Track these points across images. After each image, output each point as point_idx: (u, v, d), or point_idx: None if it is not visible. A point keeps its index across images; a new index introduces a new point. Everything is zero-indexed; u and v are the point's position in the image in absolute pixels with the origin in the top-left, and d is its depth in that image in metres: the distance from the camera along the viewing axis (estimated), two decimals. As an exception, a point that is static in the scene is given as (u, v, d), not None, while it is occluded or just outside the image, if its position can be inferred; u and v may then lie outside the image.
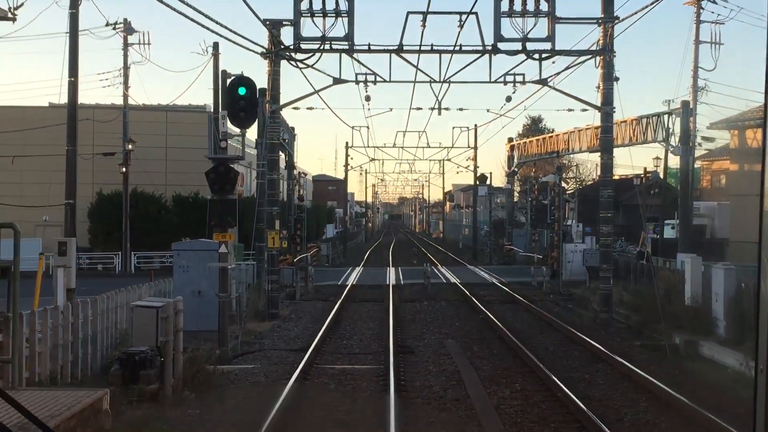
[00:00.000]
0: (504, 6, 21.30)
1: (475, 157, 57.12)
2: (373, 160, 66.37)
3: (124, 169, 39.95)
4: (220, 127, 15.58)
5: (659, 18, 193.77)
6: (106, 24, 37.35)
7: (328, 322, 21.00)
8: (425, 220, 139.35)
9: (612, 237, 24.25)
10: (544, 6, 21.46)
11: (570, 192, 51.76)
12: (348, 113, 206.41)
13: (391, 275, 36.10)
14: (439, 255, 58.50)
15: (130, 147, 40.06)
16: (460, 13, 21.79)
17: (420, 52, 22.98)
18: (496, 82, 23.99)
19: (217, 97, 22.49)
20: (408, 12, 22.00)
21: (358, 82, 24.32)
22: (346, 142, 62.28)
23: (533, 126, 72.41)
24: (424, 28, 21.99)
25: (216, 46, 29.44)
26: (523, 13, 21.38)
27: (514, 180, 51.90)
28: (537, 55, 22.47)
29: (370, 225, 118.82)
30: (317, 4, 21.55)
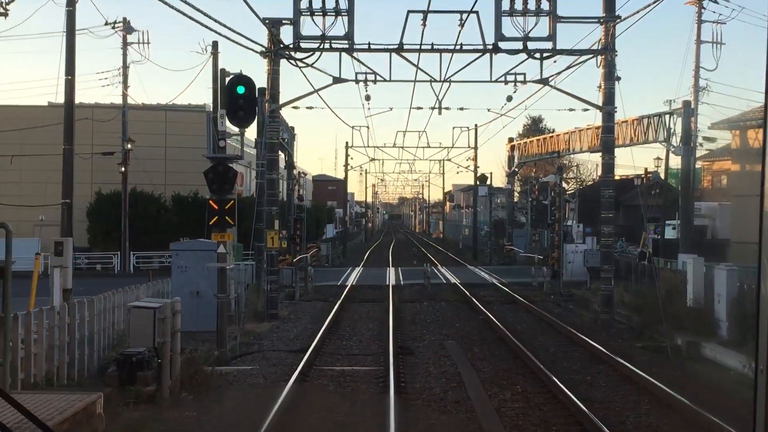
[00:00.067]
0: (505, 5, 21.19)
1: (475, 157, 57.05)
2: (373, 160, 66.29)
3: (123, 168, 39.86)
4: (219, 126, 15.45)
5: (660, 18, 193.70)
6: (105, 23, 37.40)
7: (327, 322, 20.88)
8: (425, 220, 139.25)
9: (613, 237, 24.13)
10: (545, 5, 21.35)
11: (570, 192, 51.68)
12: (348, 113, 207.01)
13: (391, 275, 35.98)
14: (439, 255, 58.39)
15: (129, 146, 39.97)
16: (460, 12, 21.69)
17: (420, 51, 22.87)
18: (496, 81, 23.87)
19: (216, 96, 22.36)
20: (408, 11, 21.93)
21: (358, 82, 24.21)
22: (346, 142, 62.22)
23: (533, 126, 72.33)
24: (424, 27, 21.94)
25: (215, 45, 29.32)
26: (524, 12, 21.26)
27: (515, 180, 51.80)
28: (538, 55, 22.34)
29: (370, 225, 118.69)
30: (317, 3, 21.44)
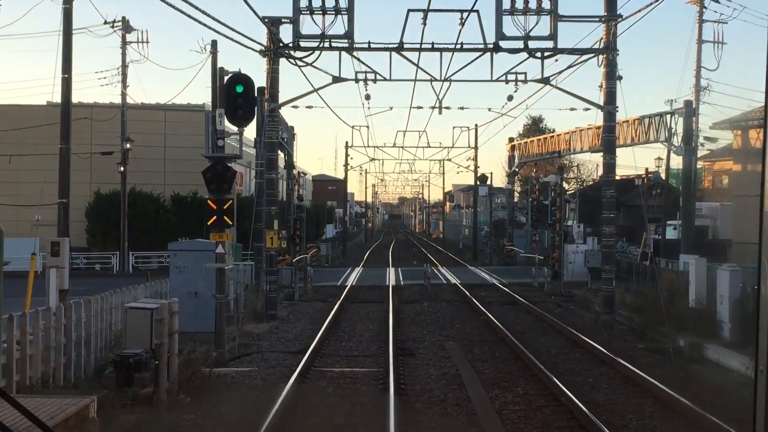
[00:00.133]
0: (506, 4, 21.07)
1: (475, 157, 56.92)
2: (373, 160, 66.12)
3: (122, 168, 39.72)
4: (217, 125, 15.30)
5: (661, 17, 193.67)
6: (105, 22, 37.32)
7: (327, 323, 20.74)
8: (425, 220, 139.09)
9: (614, 238, 23.99)
10: (546, 4, 21.23)
11: (571, 192, 51.56)
12: (348, 112, 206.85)
13: (390, 276, 35.83)
14: (439, 255, 58.25)
15: (128, 146, 39.82)
16: (461, 11, 21.55)
17: (421, 50, 22.74)
18: (497, 80, 23.71)
19: (215, 95, 22.25)
20: (408, 10, 21.79)
21: (357, 81, 24.07)
22: (346, 142, 62.09)
23: (534, 126, 72.20)
24: (424, 26, 21.82)
25: (214, 44, 29.22)
26: (525, 11, 21.13)
27: (515, 180, 51.66)
28: (539, 54, 22.18)
29: (370, 225, 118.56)
30: (317, 2, 21.30)
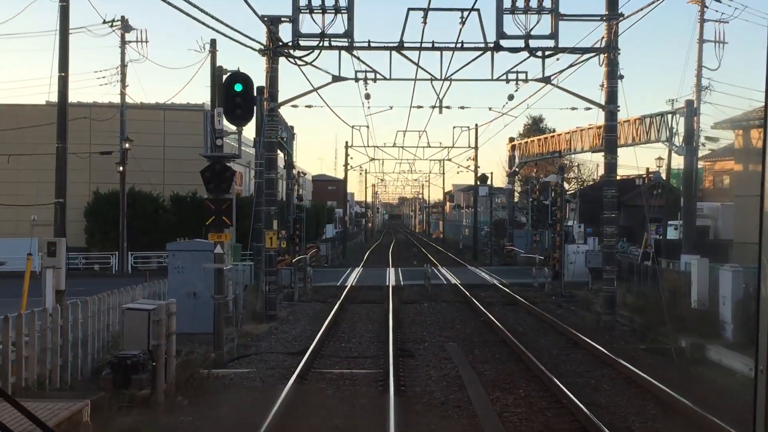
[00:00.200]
0: (507, 2, 20.98)
1: (475, 157, 56.79)
2: (373, 160, 65.92)
3: (121, 168, 39.58)
4: (216, 124, 15.17)
5: (662, 16, 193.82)
6: (103, 21, 37.23)
7: (326, 324, 20.62)
8: (425, 220, 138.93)
9: (616, 238, 23.86)
10: (547, 2, 21.12)
11: (571, 192, 51.39)
12: (347, 112, 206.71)
13: (390, 276, 35.70)
14: (439, 255, 58.11)
15: (127, 146, 39.68)
16: (461, 10, 21.43)
17: (421, 49, 22.61)
18: (498, 80, 23.58)
19: (214, 94, 22.09)
20: (409, 8, 21.66)
21: (357, 80, 23.94)
22: (346, 142, 61.95)
23: (534, 126, 72.04)
24: (425, 24, 21.70)
25: (213, 43, 29.13)
26: (526, 10, 21.03)
27: (515, 180, 51.52)
28: (540, 53, 22.05)
29: (370, 225, 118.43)
30: (316, 1, 21.19)
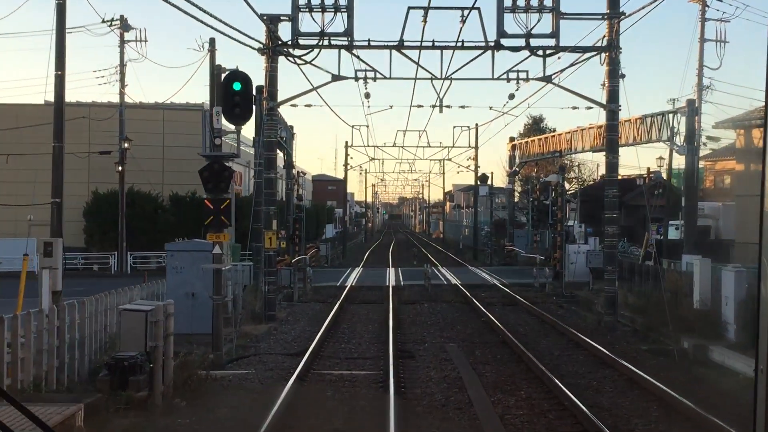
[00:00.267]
0: (507, 1, 20.87)
1: (476, 157, 56.66)
2: (373, 160, 65.77)
3: (120, 167, 39.45)
4: (215, 123, 15.04)
5: (664, 15, 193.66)
6: (102, 21, 37.04)
7: (326, 324, 20.49)
8: (425, 220, 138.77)
9: (617, 238, 23.73)
10: (548, 1, 21.00)
11: (572, 192, 51.24)
12: (347, 111, 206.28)
13: (390, 276, 35.57)
14: (439, 255, 57.98)
15: (126, 145, 39.55)
16: (462, 9, 21.30)
17: (421, 48, 22.49)
18: (498, 79, 23.47)
19: (213, 94, 21.94)
20: (409, 7, 21.55)
21: (357, 79, 23.80)
22: (346, 142, 61.83)
23: (534, 125, 71.88)
24: (425, 23, 21.58)
25: (212, 42, 28.99)
26: (527, 9, 20.92)
27: (516, 180, 51.38)
28: (541, 52, 21.94)
29: (370, 225, 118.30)
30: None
